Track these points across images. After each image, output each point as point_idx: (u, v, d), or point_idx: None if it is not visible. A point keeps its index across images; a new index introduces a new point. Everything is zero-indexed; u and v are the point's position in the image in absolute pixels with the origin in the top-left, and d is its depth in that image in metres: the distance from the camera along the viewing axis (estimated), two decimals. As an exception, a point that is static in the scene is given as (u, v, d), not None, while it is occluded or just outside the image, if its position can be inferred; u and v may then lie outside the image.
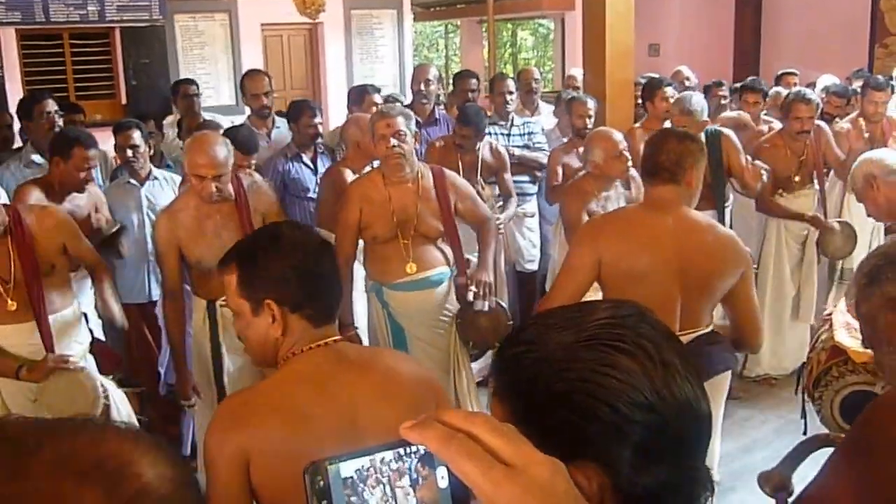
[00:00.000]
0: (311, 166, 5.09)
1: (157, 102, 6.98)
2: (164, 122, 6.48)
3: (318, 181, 4.90)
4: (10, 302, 3.34)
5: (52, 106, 4.99)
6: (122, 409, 3.46)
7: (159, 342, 4.61)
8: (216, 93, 8.98)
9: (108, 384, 3.44)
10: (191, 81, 6.45)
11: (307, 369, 1.90)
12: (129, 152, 4.68)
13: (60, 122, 5.02)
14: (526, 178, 5.70)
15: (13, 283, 3.35)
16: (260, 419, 1.83)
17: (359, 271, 4.11)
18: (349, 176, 4.38)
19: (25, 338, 3.39)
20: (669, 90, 5.64)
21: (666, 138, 3.12)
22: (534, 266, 5.84)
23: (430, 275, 3.94)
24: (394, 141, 3.75)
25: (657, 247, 2.98)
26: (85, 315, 3.76)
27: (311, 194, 4.99)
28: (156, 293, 4.68)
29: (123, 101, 8.86)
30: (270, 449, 1.79)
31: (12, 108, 5.89)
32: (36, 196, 3.98)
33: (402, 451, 0.77)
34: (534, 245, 5.83)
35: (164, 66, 8.93)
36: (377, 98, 5.60)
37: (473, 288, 3.86)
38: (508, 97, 5.88)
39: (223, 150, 3.51)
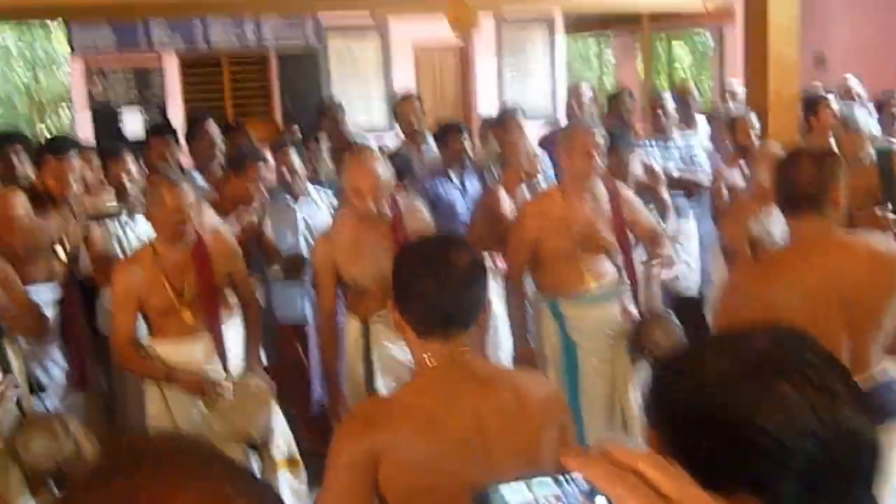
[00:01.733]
0: (461, 186, 5.07)
1: (310, 123, 7.09)
2: (319, 141, 6.57)
3: (470, 201, 4.89)
4: (186, 314, 3.48)
5: (214, 129, 5.13)
6: (280, 427, 3.53)
7: (311, 362, 4.65)
8: (367, 114, 9.10)
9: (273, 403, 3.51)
10: (335, 102, 6.55)
11: (435, 382, 1.90)
12: (286, 172, 4.75)
13: (222, 143, 5.16)
14: (681, 194, 5.47)
15: (190, 299, 3.49)
16: (393, 423, 1.83)
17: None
18: (504, 198, 4.42)
19: (200, 352, 3.52)
20: (834, 104, 5.30)
21: (799, 160, 2.76)
22: (692, 290, 5.56)
23: (605, 288, 3.97)
24: (595, 157, 3.80)
25: (811, 291, 2.62)
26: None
27: (460, 214, 4.95)
28: (308, 313, 4.71)
29: (279, 122, 9.12)
30: (402, 454, 1.79)
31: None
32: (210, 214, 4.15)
33: (562, 478, 0.80)
34: (690, 267, 5.57)
35: (317, 87, 9.14)
36: (521, 121, 5.47)
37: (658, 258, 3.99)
38: (665, 113, 5.67)
39: (382, 169, 3.57)
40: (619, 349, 3.94)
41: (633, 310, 4.02)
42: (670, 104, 5.79)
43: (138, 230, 4.37)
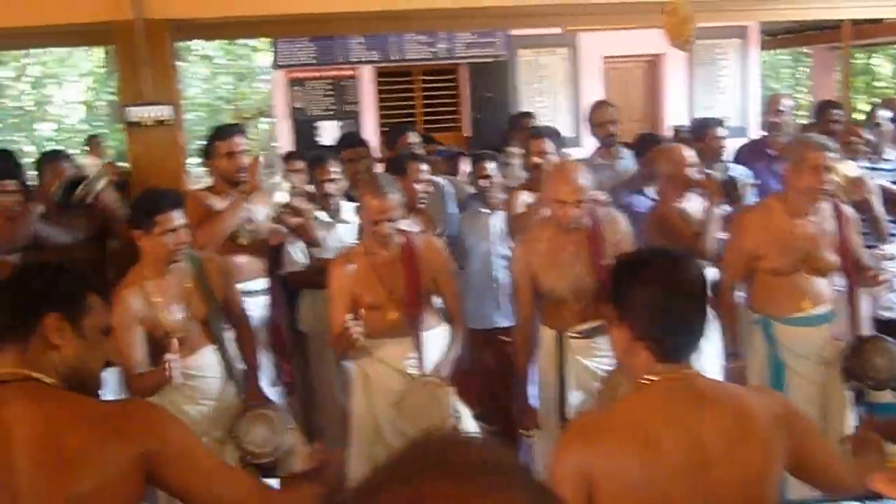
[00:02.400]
0: (656, 198, 4.93)
1: (497, 134, 7.17)
2: (509, 153, 6.63)
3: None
4: (392, 313, 3.59)
5: (414, 138, 5.29)
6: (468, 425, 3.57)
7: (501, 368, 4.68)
8: (555, 125, 9.06)
9: (461, 406, 3.52)
10: (529, 115, 6.56)
11: (657, 400, 1.83)
12: (484, 181, 4.82)
13: (421, 151, 5.30)
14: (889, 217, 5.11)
15: (397, 299, 3.59)
16: (609, 441, 1.79)
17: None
18: (673, 212, 4.27)
19: (402, 352, 3.61)
20: None
21: None
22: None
23: (822, 311, 3.80)
24: (825, 174, 3.66)
25: None
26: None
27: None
28: (499, 321, 4.76)
29: (467, 132, 9.25)
30: (617, 474, 1.75)
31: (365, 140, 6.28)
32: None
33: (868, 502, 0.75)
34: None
35: (505, 99, 9.21)
36: (720, 131, 5.27)
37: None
38: (880, 129, 5.32)
39: (584, 178, 3.56)
40: (831, 373, 3.75)
41: (844, 332, 3.83)
42: (887, 119, 5.43)
43: (340, 234, 4.57)
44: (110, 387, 3.54)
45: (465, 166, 5.93)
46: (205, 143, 4.35)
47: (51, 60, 18.48)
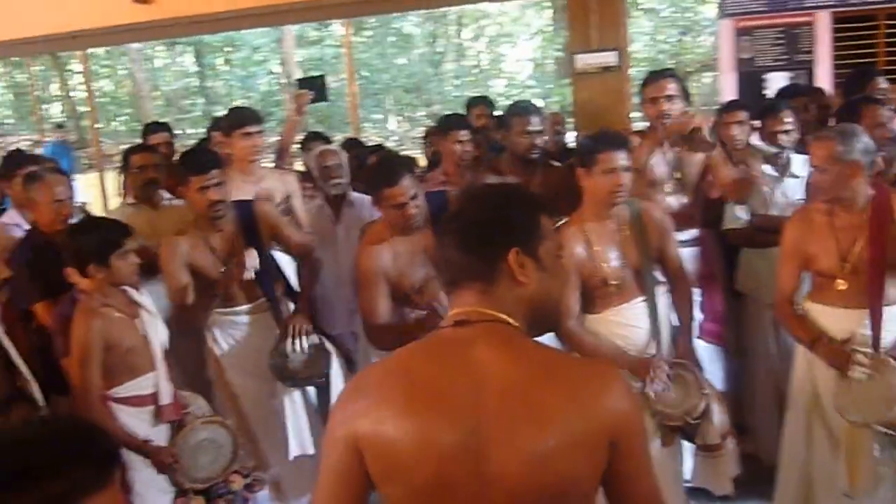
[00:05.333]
0: None
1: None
2: None
3: None
4: (839, 282, 3.22)
5: (883, 83, 4.68)
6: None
7: None
8: None
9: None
10: None
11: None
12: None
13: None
14: None
15: (851, 267, 3.21)
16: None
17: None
18: None
19: (854, 324, 3.22)
20: None
21: None
22: None
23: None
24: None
25: None
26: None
27: None
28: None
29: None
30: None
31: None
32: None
33: None
34: None
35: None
36: None
37: None
38: None
39: None
40: None
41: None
42: None
43: (788, 189, 4.22)
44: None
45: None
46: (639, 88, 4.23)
47: (506, 21, 19.74)
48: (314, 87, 5.06)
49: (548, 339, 2.87)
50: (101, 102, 18.97)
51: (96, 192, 10.38)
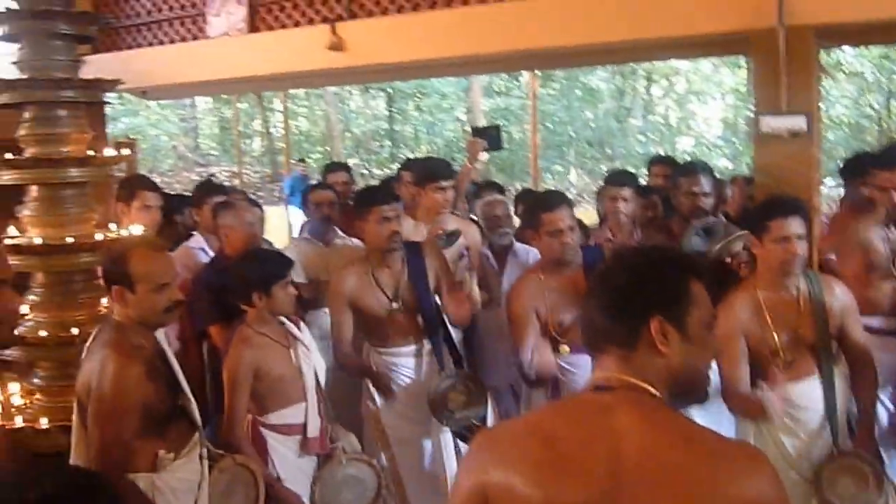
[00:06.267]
0: None
1: None
2: None
3: None
4: None
5: None
6: None
7: None
8: None
9: None
10: None
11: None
12: None
13: None
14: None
15: None
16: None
17: None
18: None
19: None
20: None
21: None
22: None
23: None
24: None
25: None
26: None
27: None
28: None
29: None
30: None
31: None
32: None
33: None
34: None
35: None
36: None
37: None
38: None
39: None
40: None
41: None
42: None
43: None
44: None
45: None
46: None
47: (697, 79, 19.36)
48: (489, 136, 5.13)
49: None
50: (296, 140, 20.09)
51: (281, 225, 10.92)
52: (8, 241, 3.47)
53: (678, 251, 1.73)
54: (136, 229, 3.75)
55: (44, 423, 3.35)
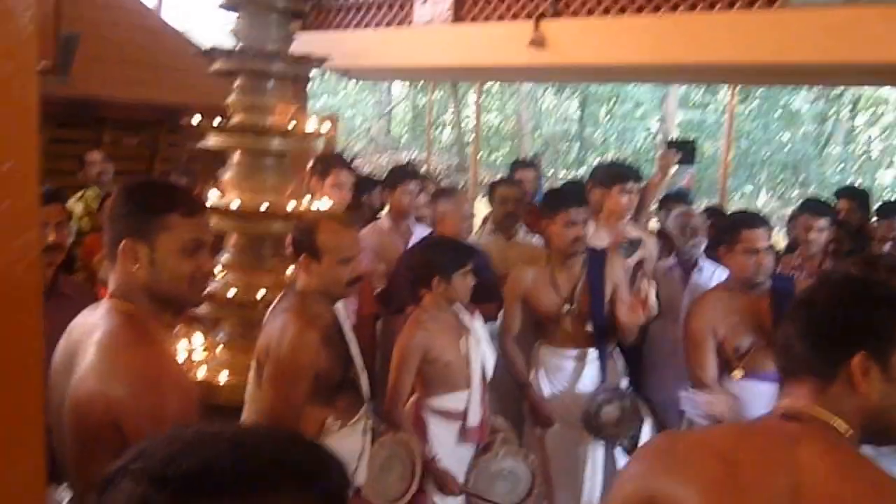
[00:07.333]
0: None
1: None
2: None
3: None
4: None
5: None
6: None
7: None
8: None
9: None
10: None
11: None
12: None
13: None
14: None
15: None
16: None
17: None
18: None
19: None
20: None
21: None
22: None
23: None
24: None
25: None
26: None
27: None
28: None
29: None
30: None
31: None
32: None
33: None
34: None
35: None
36: None
37: None
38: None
39: None
40: None
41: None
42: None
43: None
44: None
45: None
46: None
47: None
48: (683, 150, 4.96)
49: None
50: (485, 134, 20.27)
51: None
52: (208, 203, 3.64)
53: (889, 285, 1.59)
54: (327, 204, 3.86)
55: (223, 378, 3.50)
